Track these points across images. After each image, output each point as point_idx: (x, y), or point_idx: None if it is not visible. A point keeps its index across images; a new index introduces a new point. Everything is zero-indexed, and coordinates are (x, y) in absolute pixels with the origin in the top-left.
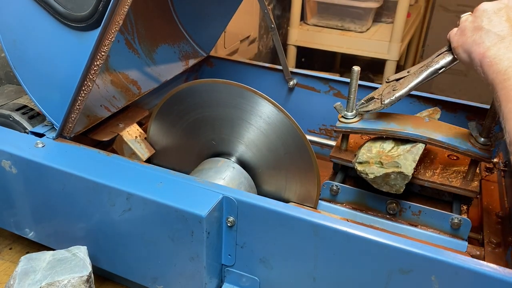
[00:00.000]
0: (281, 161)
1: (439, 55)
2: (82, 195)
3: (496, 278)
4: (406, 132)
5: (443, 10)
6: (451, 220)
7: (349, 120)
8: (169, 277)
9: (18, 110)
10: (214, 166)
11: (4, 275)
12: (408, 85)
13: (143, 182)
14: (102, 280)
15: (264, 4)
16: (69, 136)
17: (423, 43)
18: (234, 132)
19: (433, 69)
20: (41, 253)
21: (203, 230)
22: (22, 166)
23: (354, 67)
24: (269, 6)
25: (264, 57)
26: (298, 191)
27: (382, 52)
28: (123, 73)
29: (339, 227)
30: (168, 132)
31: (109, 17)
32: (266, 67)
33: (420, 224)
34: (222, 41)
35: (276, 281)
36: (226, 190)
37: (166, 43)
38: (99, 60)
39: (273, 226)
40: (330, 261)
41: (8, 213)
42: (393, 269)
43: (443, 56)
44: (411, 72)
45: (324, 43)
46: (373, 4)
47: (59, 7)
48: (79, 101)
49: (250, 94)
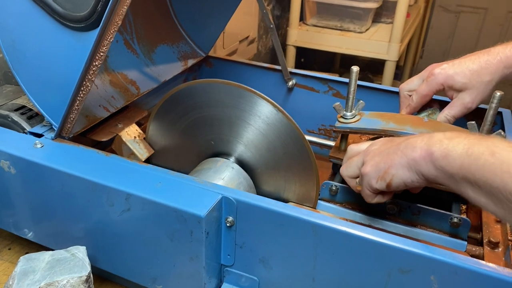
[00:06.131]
0: (280, 161)
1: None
2: (81, 195)
3: (495, 277)
4: (405, 131)
5: (443, 10)
6: (450, 220)
7: (348, 120)
8: (168, 277)
9: (17, 110)
10: (213, 166)
11: (3, 275)
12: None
13: (142, 182)
14: (101, 280)
15: (263, 5)
16: (68, 136)
17: (422, 43)
18: (233, 132)
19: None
20: (40, 253)
21: (202, 230)
22: (21, 166)
23: (353, 67)
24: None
25: (263, 57)
26: (297, 191)
27: (382, 52)
28: (122, 73)
29: (338, 227)
30: (167, 132)
31: (107, 18)
32: (265, 67)
33: (419, 224)
34: (221, 41)
35: (276, 281)
36: (225, 190)
37: (165, 43)
38: (98, 61)
39: (273, 226)
40: (329, 261)
41: (7, 213)
42: (392, 269)
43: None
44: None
45: (324, 44)
46: (372, 5)
47: (58, 8)
48: (78, 102)
49: (249, 94)
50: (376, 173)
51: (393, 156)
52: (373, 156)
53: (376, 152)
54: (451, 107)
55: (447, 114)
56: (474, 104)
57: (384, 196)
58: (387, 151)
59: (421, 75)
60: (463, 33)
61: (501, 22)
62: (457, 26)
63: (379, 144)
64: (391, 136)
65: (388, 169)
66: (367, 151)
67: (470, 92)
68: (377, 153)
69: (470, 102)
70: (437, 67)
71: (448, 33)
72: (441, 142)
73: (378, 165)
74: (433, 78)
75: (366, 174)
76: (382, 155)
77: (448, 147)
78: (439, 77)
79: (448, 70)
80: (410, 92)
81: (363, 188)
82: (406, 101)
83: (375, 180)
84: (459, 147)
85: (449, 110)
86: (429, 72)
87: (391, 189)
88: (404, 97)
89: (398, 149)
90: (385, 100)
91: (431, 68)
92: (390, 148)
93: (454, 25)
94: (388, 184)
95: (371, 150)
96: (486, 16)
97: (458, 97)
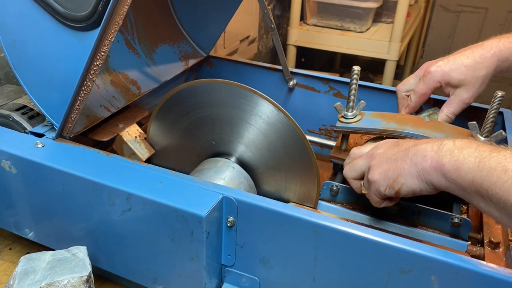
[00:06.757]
0: (281, 161)
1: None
2: (82, 195)
3: (496, 278)
4: (406, 132)
5: (443, 10)
6: (451, 220)
7: (349, 120)
8: (169, 277)
9: (18, 110)
10: (214, 166)
11: (4, 275)
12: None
13: (143, 182)
14: (102, 280)
15: (264, 4)
16: (68, 136)
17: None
18: (234, 132)
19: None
20: (41, 253)
21: (203, 230)
22: (22, 166)
23: (354, 67)
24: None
25: (264, 57)
26: (298, 191)
27: (382, 52)
28: (123, 73)
29: (339, 227)
30: (168, 132)
31: (108, 17)
32: (266, 67)
33: (420, 224)
34: (221, 41)
35: (276, 281)
36: (226, 190)
37: (166, 43)
38: (98, 60)
39: (273, 226)
40: (330, 261)
41: (8, 213)
42: (393, 269)
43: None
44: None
45: (324, 43)
46: (372, 4)
47: (59, 7)
48: (79, 101)
49: (250, 94)
50: (385, 181)
51: (402, 164)
52: (380, 162)
53: (383, 158)
54: (450, 105)
55: (447, 112)
56: (472, 99)
57: (392, 201)
58: (394, 157)
59: (416, 74)
60: (463, 32)
61: (501, 21)
62: (457, 26)
63: (384, 147)
64: (392, 136)
65: (397, 178)
66: (372, 154)
67: (467, 88)
68: (384, 159)
69: (467, 98)
70: (432, 65)
71: (449, 32)
72: (451, 153)
73: (387, 173)
74: (430, 76)
75: (375, 182)
76: (390, 161)
77: (459, 159)
78: (435, 74)
79: (444, 67)
80: (407, 92)
81: (371, 194)
82: (404, 101)
83: (384, 188)
84: (470, 160)
85: (448, 108)
86: (425, 71)
87: (399, 196)
88: (402, 97)
89: (407, 157)
90: (386, 100)
91: (427, 66)
92: (398, 154)
93: (454, 25)
94: (397, 192)
95: (376, 154)
96: (487, 15)
97: (455, 94)
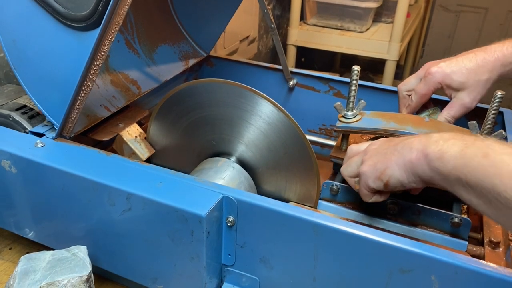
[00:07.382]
0: (281, 161)
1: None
2: (82, 195)
3: (496, 277)
4: (406, 131)
5: (443, 10)
6: (451, 220)
7: (349, 120)
8: (169, 277)
9: (18, 110)
10: (214, 166)
11: (4, 275)
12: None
13: (143, 182)
14: (102, 280)
15: (264, 4)
16: (69, 135)
17: (423, 43)
18: (234, 132)
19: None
20: (41, 253)
21: (203, 230)
22: (22, 166)
23: (354, 66)
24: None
25: (264, 57)
26: (298, 190)
27: (382, 52)
28: (123, 73)
29: (339, 227)
30: (168, 132)
31: (109, 17)
32: (266, 67)
33: (420, 224)
34: (221, 41)
35: (276, 280)
36: (226, 190)
37: (166, 43)
38: (99, 60)
39: (273, 226)
40: (330, 260)
41: (8, 213)
42: (393, 268)
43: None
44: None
45: (324, 43)
46: (372, 4)
47: (59, 7)
48: (79, 101)
49: (250, 93)
50: (373, 173)
51: (390, 157)
52: (371, 156)
53: (374, 152)
54: (451, 108)
55: (447, 115)
56: (474, 104)
57: (382, 196)
58: (384, 151)
59: (418, 74)
60: (463, 32)
61: (501, 21)
62: (457, 26)
63: (378, 143)
64: (392, 136)
65: (385, 170)
66: (366, 150)
67: (468, 91)
68: (375, 153)
69: (469, 102)
70: (434, 66)
71: (449, 32)
72: (437, 143)
73: (376, 165)
74: (431, 77)
75: (364, 174)
76: (380, 155)
77: (443, 148)
78: (436, 75)
79: (445, 68)
80: (408, 92)
81: (361, 187)
82: (405, 101)
83: (372, 179)
84: (454, 148)
85: (448, 110)
86: (426, 71)
87: (388, 189)
88: (403, 97)
89: (395, 150)
90: (386, 100)
91: (428, 67)
92: (388, 148)
93: (454, 25)
94: (385, 184)
95: (370, 149)
96: (487, 15)
97: (457, 97)
